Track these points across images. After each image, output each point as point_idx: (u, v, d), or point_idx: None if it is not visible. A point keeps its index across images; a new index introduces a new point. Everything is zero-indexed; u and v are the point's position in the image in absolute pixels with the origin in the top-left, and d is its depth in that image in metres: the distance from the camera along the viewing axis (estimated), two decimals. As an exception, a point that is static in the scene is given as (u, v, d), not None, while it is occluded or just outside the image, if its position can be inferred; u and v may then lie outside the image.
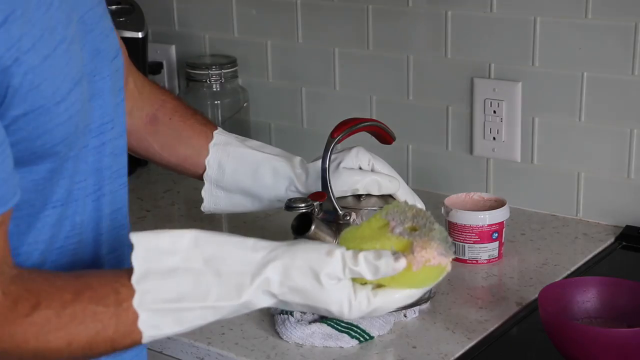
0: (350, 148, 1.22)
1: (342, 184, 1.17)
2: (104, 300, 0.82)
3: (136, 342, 0.83)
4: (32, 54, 0.80)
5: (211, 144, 1.20)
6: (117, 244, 0.98)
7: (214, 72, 1.78)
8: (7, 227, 0.82)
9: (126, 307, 0.82)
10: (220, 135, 1.21)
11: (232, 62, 1.81)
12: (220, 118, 1.79)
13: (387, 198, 1.20)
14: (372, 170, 1.20)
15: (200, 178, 1.21)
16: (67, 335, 0.81)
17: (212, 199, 1.22)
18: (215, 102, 1.80)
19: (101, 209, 0.96)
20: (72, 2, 0.87)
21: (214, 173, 1.20)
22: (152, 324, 0.82)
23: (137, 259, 0.82)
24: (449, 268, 0.85)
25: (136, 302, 0.82)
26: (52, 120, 0.83)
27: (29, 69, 0.80)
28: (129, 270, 0.83)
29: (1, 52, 0.77)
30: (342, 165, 1.19)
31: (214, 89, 1.79)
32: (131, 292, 0.82)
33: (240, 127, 1.81)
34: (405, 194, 1.20)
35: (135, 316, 0.82)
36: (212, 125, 1.23)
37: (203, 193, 1.21)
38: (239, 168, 1.20)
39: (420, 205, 1.22)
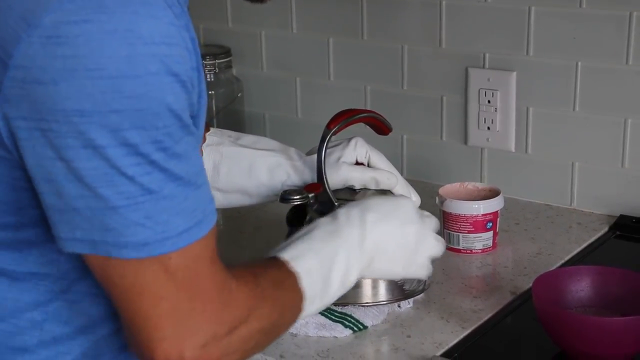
0: (349, 139, 1.21)
1: (340, 179, 1.17)
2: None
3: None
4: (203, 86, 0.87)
5: (204, 145, 1.19)
6: None
7: (208, 62, 1.78)
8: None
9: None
10: (212, 137, 1.20)
11: (226, 52, 1.81)
12: (214, 108, 1.79)
13: (384, 191, 1.20)
14: (369, 163, 1.20)
15: None
16: (279, 303, 0.93)
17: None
18: (210, 92, 1.79)
19: None
20: None
21: (209, 175, 1.19)
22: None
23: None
24: None
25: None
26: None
27: (202, 98, 0.86)
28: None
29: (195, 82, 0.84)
30: (341, 159, 1.19)
31: (208, 79, 1.79)
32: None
33: (234, 117, 1.81)
34: (402, 189, 1.20)
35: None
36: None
37: None
38: (233, 168, 1.19)
39: (415, 197, 1.23)
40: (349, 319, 1.15)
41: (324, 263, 0.97)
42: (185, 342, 0.82)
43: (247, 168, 1.19)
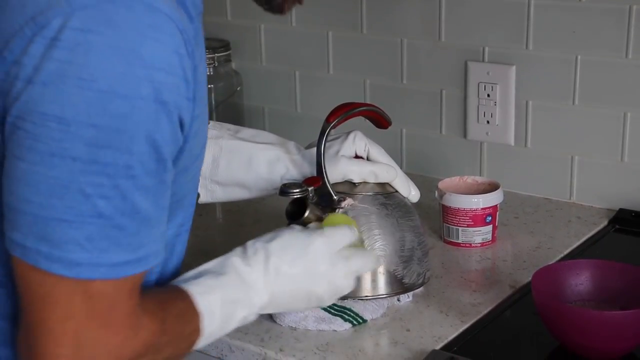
0: (348, 133, 1.21)
1: (339, 173, 1.17)
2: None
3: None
4: (198, 111, 0.85)
5: None
6: None
7: (207, 56, 1.77)
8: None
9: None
10: (212, 130, 1.20)
11: (226, 45, 1.81)
12: (213, 102, 1.79)
13: (383, 184, 1.20)
14: (368, 156, 1.20)
15: None
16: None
17: (208, 193, 1.22)
18: (209, 86, 1.79)
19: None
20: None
21: (209, 168, 1.19)
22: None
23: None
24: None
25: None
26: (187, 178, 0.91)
27: (193, 124, 0.85)
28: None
29: (187, 106, 0.83)
30: (340, 153, 1.18)
31: (208, 73, 1.79)
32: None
33: (233, 111, 1.81)
34: (401, 183, 1.20)
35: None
36: None
37: (199, 188, 1.20)
38: (233, 161, 1.19)
39: (415, 191, 1.23)
40: (348, 312, 1.15)
41: (226, 306, 0.95)
42: None
43: (246, 161, 1.19)
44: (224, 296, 0.95)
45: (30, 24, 0.77)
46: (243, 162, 1.19)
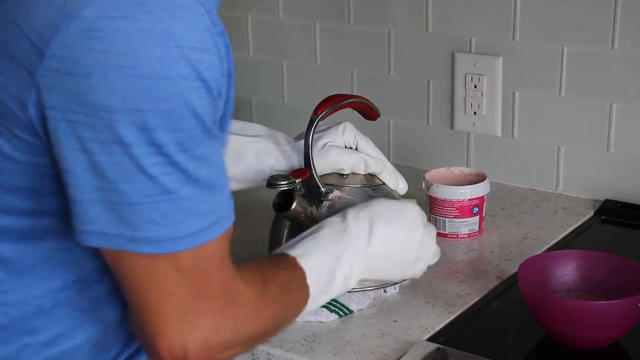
0: (338, 124, 1.21)
1: (328, 163, 1.17)
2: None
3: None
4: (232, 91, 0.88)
5: None
6: None
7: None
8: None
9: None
10: None
11: (213, 36, 1.80)
12: (200, 93, 1.78)
13: (371, 176, 1.20)
14: (357, 148, 1.20)
15: None
16: (284, 305, 0.96)
17: None
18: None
19: None
20: None
21: None
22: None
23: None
24: None
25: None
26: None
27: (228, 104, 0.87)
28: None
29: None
30: (329, 143, 1.19)
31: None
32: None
33: (221, 102, 1.81)
34: (389, 175, 1.21)
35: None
36: None
37: None
38: None
39: (402, 184, 1.23)
40: (334, 303, 1.15)
41: (330, 262, 1.01)
42: (189, 336, 0.84)
43: (235, 155, 1.19)
44: (325, 253, 1.01)
45: (61, 14, 0.77)
46: (232, 156, 1.19)
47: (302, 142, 1.17)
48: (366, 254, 1.04)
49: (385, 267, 1.08)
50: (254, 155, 1.19)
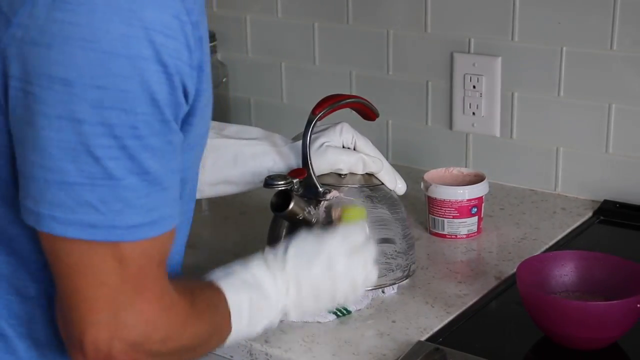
0: (335, 124, 1.21)
1: (327, 163, 1.17)
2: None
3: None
4: (205, 86, 0.87)
5: None
6: None
7: (192, 47, 1.77)
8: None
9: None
10: None
11: (211, 36, 1.80)
12: (199, 93, 1.78)
13: (369, 176, 1.19)
14: (355, 148, 1.20)
15: None
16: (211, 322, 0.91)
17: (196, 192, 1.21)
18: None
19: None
20: None
21: None
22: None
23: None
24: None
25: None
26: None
27: (200, 99, 0.86)
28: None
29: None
30: (326, 143, 1.18)
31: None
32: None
33: (219, 102, 1.80)
34: (387, 175, 1.20)
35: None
36: None
37: None
38: (219, 160, 1.19)
39: (401, 184, 1.23)
40: (334, 304, 1.15)
41: (252, 310, 0.96)
42: (118, 333, 0.81)
43: (232, 159, 1.19)
44: (251, 300, 0.95)
45: None
46: (229, 160, 1.19)
47: (300, 142, 1.16)
48: (287, 299, 0.99)
49: (314, 306, 1.02)
50: (251, 158, 1.19)
